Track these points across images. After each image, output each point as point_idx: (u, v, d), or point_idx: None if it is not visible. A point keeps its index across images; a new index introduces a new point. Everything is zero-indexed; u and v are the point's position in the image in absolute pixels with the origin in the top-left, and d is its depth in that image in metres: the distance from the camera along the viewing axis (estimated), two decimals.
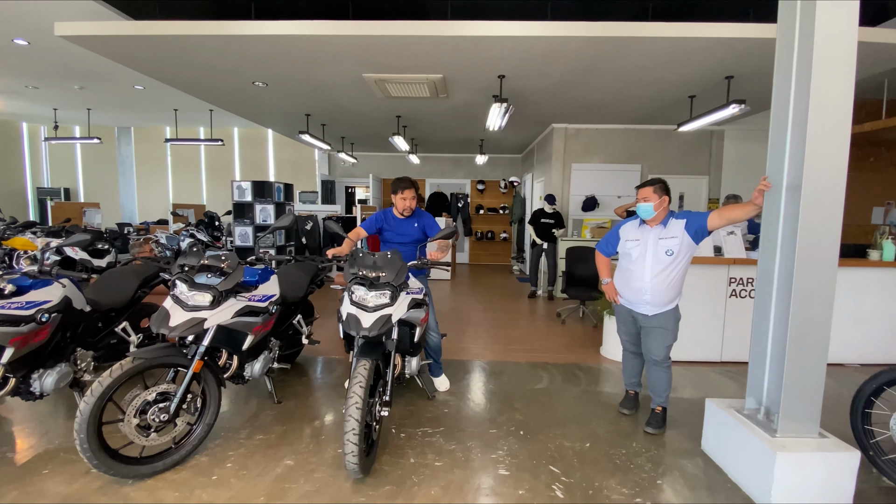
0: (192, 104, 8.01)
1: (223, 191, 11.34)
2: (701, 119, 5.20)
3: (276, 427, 2.72)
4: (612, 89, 5.34)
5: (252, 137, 11.18)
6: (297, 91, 5.66)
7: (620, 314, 2.96)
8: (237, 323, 2.37)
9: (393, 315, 2.32)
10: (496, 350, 4.31)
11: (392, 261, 2.41)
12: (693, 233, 2.63)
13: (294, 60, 4.50)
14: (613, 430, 2.79)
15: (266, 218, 6.55)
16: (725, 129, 7.28)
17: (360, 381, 2.10)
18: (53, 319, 2.44)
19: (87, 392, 2.04)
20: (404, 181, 3.11)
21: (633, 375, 3.06)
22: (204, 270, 2.32)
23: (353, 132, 8.50)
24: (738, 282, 4.03)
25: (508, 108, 4.75)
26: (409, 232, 3.17)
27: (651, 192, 2.67)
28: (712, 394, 3.40)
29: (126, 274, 3.16)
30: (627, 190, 7.32)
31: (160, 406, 2.19)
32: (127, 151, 11.23)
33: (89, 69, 6.21)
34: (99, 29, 3.87)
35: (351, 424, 2.01)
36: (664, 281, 2.68)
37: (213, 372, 2.39)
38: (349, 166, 11.07)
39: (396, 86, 5.08)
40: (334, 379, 3.52)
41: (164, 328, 2.14)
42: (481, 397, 3.22)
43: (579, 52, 4.18)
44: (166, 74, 5.11)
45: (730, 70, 4.62)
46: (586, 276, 5.42)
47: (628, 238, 2.81)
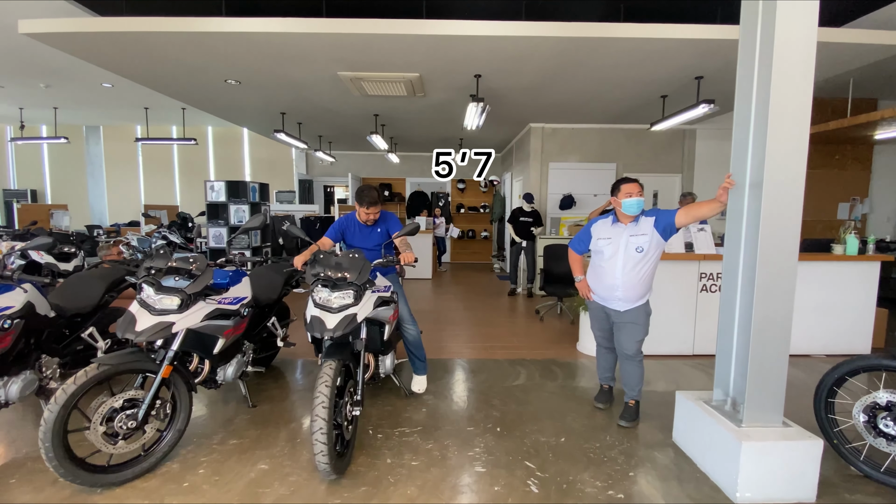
0: (164, 102, 7.79)
1: (197, 191, 11.09)
2: (672, 119, 5.33)
3: (250, 431, 2.68)
4: (586, 89, 5.42)
5: (227, 136, 10.95)
6: (271, 89, 5.57)
7: (594, 311, 3.01)
8: (207, 326, 2.33)
9: (358, 314, 2.30)
10: (476, 348, 4.34)
11: (355, 260, 2.39)
12: (662, 230, 2.69)
13: (266, 58, 4.43)
14: (588, 424, 2.84)
15: (241, 219, 6.44)
16: (697, 128, 7.46)
17: (325, 381, 2.09)
18: (16, 325, 2.35)
19: (51, 400, 1.98)
20: (369, 195, 2.96)
21: (606, 370, 3.12)
22: (172, 273, 2.27)
23: (331, 131, 8.42)
24: (709, 277, 4.14)
25: (485, 108, 4.77)
26: (372, 237, 3.13)
27: (638, 187, 2.70)
28: (684, 386, 3.49)
29: (92, 278, 3.06)
30: (603, 188, 7.44)
31: (128, 413, 2.13)
32: (96, 151, 10.88)
33: (55, 67, 5.99)
34: (64, 26, 3.75)
35: (318, 424, 2.00)
36: (635, 277, 2.73)
37: (183, 377, 2.34)
38: (327, 165, 10.96)
39: (373, 84, 5.05)
40: (310, 382, 3.48)
41: (130, 333, 2.08)
42: (460, 395, 3.23)
43: (553, 52, 4.23)
44: (135, 72, 4.97)
45: (699, 70, 4.74)
46: (564, 274, 5.48)
47: (600, 236, 2.85)
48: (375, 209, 3.00)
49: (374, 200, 2.96)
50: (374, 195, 2.97)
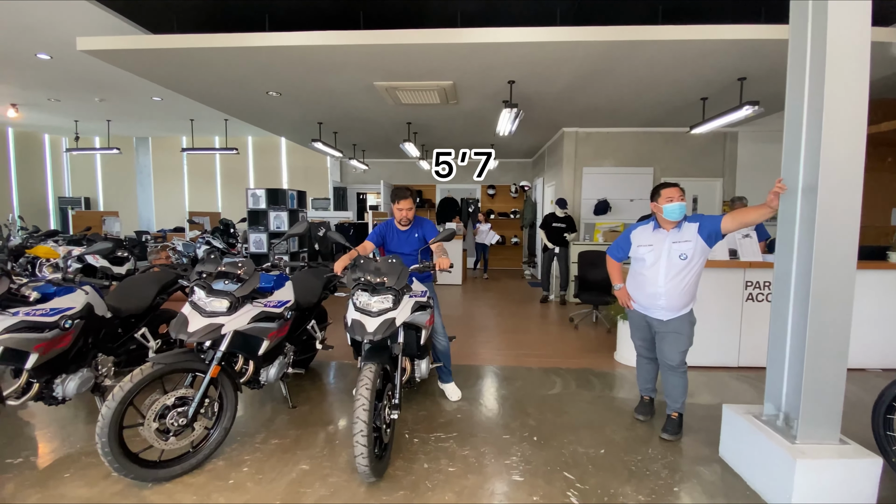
0: (208, 114, 8.17)
1: (238, 198, 11.54)
2: (714, 121, 5.16)
3: (290, 431, 2.75)
4: (622, 93, 5.33)
5: (266, 146, 11.36)
6: (310, 100, 5.75)
7: (634, 319, 2.93)
8: (253, 328, 2.41)
9: (397, 318, 2.34)
10: (508, 355, 4.30)
11: (394, 266, 2.43)
12: (706, 236, 2.61)
13: (306, 70, 4.58)
14: (629, 435, 2.76)
15: (280, 225, 6.64)
16: (739, 130, 7.19)
17: (365, 384, 2.13)
18: (76, 325, 2.50)
19: (108, 396, 2.09)
20: (401, 191, 3.06)
21: (647, 381, 3.03)
22: (221, 277, 2.37)
23: (365, 139, 8.59)
24: (755, 285, 3.96)
25: (518, 114, 4.77)
26: (410, 242, 3.17)
27: (679, 192, 2.63)
28: (729, 399, 3.35)
29: (145, 281, 3.23)
30: (640, 193, 7.27)
31: (178, 410, 2.23)
32: (145, 161, 11.50)
33: (109, 82, 6.39)
34: (119, 43, 4.00)
35: (359, 426, 2.04)
36: (679, 285, 2.65)
37: (230, 377, 2.43)
38: (361, 173, 11.18)
39: (407, 93, 5.14)
40: (347, 384, 3.55)
41: (183, 334, 2.18)
42: (494, 403, 3.21)
43: (588, 57, 4.18)
44: (183, 86, 5.24)
45: (742, 72, 4.58)
46: (599, 281, 5.37)
47: (641, 243, 2.78)
48: (407, 203, 3.04)
49: (405, 195, 3.03)
50: (405, 192, 3.04)
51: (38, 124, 9.82)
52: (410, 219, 3.10)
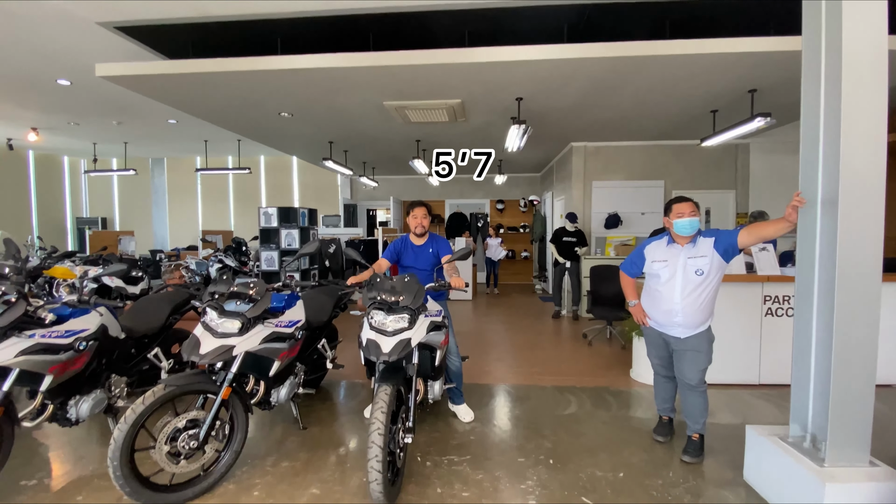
0: (222, 135, 8.34)
1: (250, 217, 11.69)
2: (725, 133, 5.12)
3: (301, 454, 2.71)
4: (631, 107, 5.33)
5: (278, 164, 11.55)
6: (321, 120, 5.84)
7: (650, 337, 2.87)
8: (264, 349, 2.40)
9: (412, 338, 2.31)
10: (521, 373, 4.23)
11: (409, 284, 2.41)
12: (723, 251, 2.55)
13: (318, 91, 4.67)
14: (648, 458, 2.67)
15: (291, 242, 6.69)
16: (751, 142, 7.13)
17: (381, 407, 2.09)
18: (91, 347, 2.51)
19: (120, 419, 2.09)
20: (415, 202, 3.19)
21: (665, 400, 2.95)
22: (233, 297, 2.37)
23: (375, 157, 8.69)
24: (774, 300, 3.87)
25: (527, 130, 4.78)
26: (424, 257, 3.18)
27: (691, 206, 2.59)
28: (751, 419, 3.24)
29: (158, 301, 3.25)
30: (651, 206, 7.20)
31: (190, 433, 2.21)
32: (160, 181, 11.75)
33: (126, 106, 6.57)
34: (137, 69, 4.11)
35: (374, 451, 1.99)
36: (695, 302, 2.59)
37: (241, 398, 2.41)
38: (370, 189, 11.28)
39: (416, 112, 5.19)
40: (358, 404, 3.51)
41: (195, 355, 2.18)
42: (508, 424, 3.14)
43: (597, 73, 4.20)
44: (198, 108, 5.36)
45: (753, 83, 4.56)
46: (612, 296, 5.30)
47: (655, 259, 2.74)
48: (422, 211, 3.11)
49: (419, 204, 3.12)
50: (419, 202, 3.14)
51: (58, 147, 10.12)
52: (426, 226, 3.13)
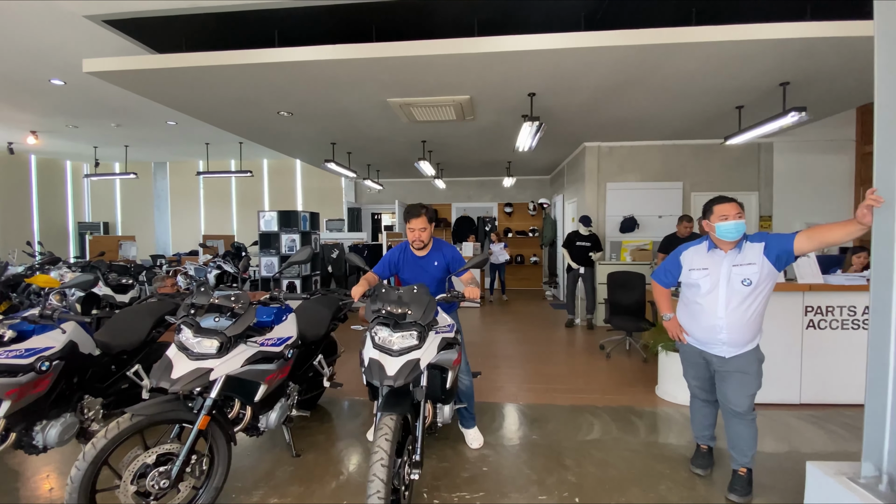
0: (223, 137, 8.11)
1: (253, 221, 11.45)
2: (753, 130, 4.77)
3: (293, 487, 2.40)
4: (650, 103, 5.00)
5: (280, 168, 11.32)
6: (322, 119, 5.57)
7: (688, 356, 2.53)
8: (248, 372, 2.10)
9: (422, 359, 1.99)
10: (535, 390, 3.89)
11: (418, 295, 2.09)
12: (775, 258, 2.22)
13: (317, 87, 4.39)
14: (689, 496, 2.33)
15: (292, 247, 6.43)
16: (774, 141, 6.75)
17: (385, 434, 1.77)
18: (55, 367, 2.23)
19: (79, 456, 1.79)
20: (413, 208, 2.64)
21: (705, 427, 2.60)
22: (213, 311, 2.08)
23: (379, 159, 8.41)
24: (816, 311, 3.51)
25: (540, 127, 4.47)
26: (429, 270, 2.76)
27: (736, 208, 2.24)
28: (799, 446, 2.88)
29: (140, 313, 2.97)
30: (669, 209, 6.84)
31: (160, 470, 1.91)
32: (162, 185, 11.57)
33: (123, 107, 6.36)
34: (125, 64, 3.86)
35: (376, 486, 1.68)
36: (742, 316, 2.26)
37: (222, 427, 2.11)
38: (375, 193, 11.01)
39: (422, 109, 4.90)
40: (359, 426, 3.19)
41: (166, 381, 1.88)
42: (523, 452, 2.80)
43: (617, 64, 3.88)
44: (193, 107, 5.11)
45: (785, 76, 4.22)
46: (632, 304, 4.96)
47: (694, 266, 2.40)
48: (420, 222, 2.62)
49: (417, 213, 2.61)
50: (417, 209, 2.62)
51: (60, 151, 9.96)
52: (424, 240, 2.68)
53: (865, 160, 6.64)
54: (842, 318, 3.53)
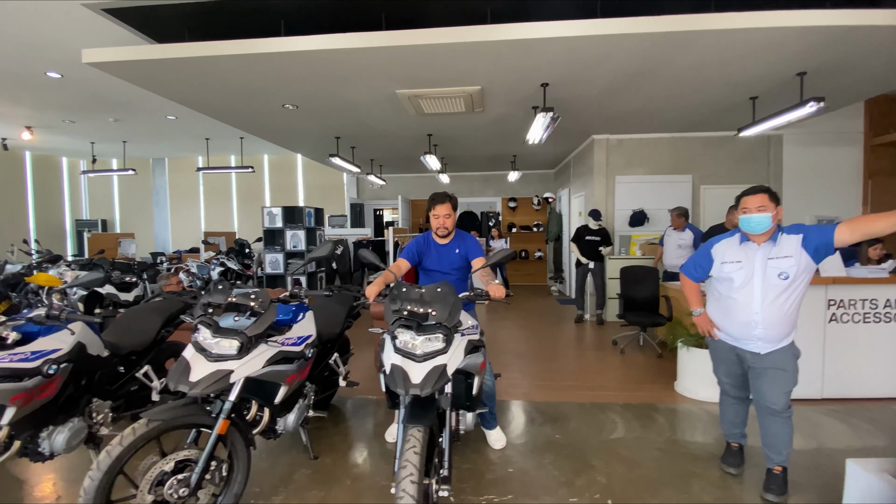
0: (223, 132, 7.97)
1: (254, 218, 11.32)
2: (768, 121, 4.68)
3: (313, 492, 2.31)
4: (664, 94, 4.90)
5: (281, 163, 11.17)
6: (328, 113, 5.45)
7: (719, 352, 2.45)
8: (269, 373, 2.01)
9: (448, 365, 1.85)
10: (552, 388, 3.82)
11: (443, 295, 1.95)
12: (813, 250, 2.14)
13: (324, 79, 4.27)
14: (724, 496, 2.25)
15: (297, 244, 6.31)
16: (784, 133, 6.67)
17: (413, 447, 1.65)
18: (63, 370, 2.13)
19: (93, 464, 1.70)
20: (438, 195, 2.65)
21: (736, 425, 2.53)
22: (231, 310, 1.98)
23: (383, 153, 8.29)
24: (839, 304, 3.44)
25: (555, 119, 4.36)
26: (450, 259, 2.72)
27: (766, 199, 2.17)
28: (825, 441, 2.82)
29: (148, 312, 2.87)
30: (679, 202, 6.75)
31: (179, 478, 1.81)
32: (161, 182, 11.40)
33: (122, 100, 6.20)
34: (126, 54, 3.73)
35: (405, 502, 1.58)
36: (779, 311, 2.18)
37: (241, 431, 2.01)
38: (378, 188, 10.88)
39: (431, 101, 4.79)
40: (375, 426, 3.11)
41: (184, 384, 1.78)
42: (548, 452, 2.72)
43: (634, 52, 3.78)
44: (195, 100, 4.98)
45: (803, 65, 4.13)
46: (646, 299, 4.88)
47: (727, 259, 2.32)
48: (444, 208, 2.61)
49: (442, 199, 2.62)
50: (443, 196, 2.63)
51: (56, 147, 9.78)
52: (449, 227, 2.65)
53: (874, 152, 6.58)
54: (863, 311, 3.47)
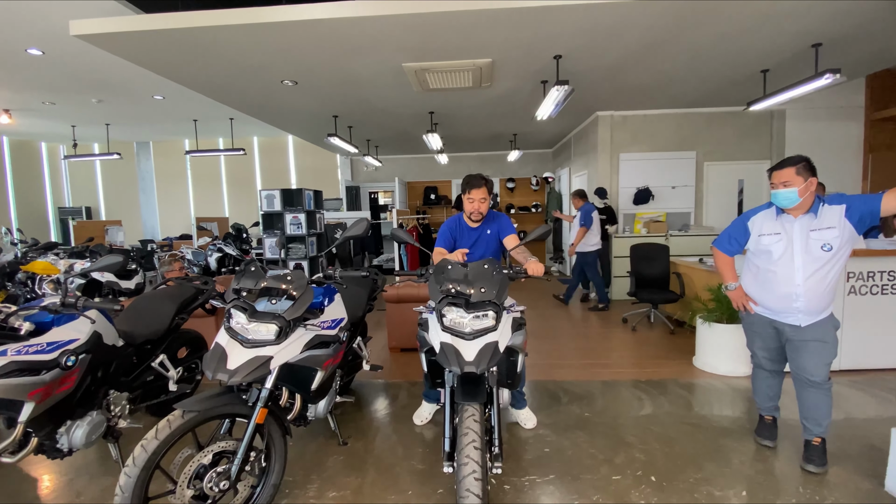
0: (212, 113, 7.68)
1: (245, 202, 11.04)
2: (782, 94, 4.62)
3: (349, 479, 2.24)
4: (676, 67, 4.80)
5: (272, 146, 10.85)
6: (328, 89, 5.24)
7: (756, 325, 2.42)
8: (307, 358, 1.91)
9: (500, 342, 1.81)
10: (571, 366, 3.79)
11: (489, 272, 1.90)
12: (857, 220, 2.10)
13: (329, 51, 4.07)
14: (764, 469, 2.25)
15: (298, 227, 6.14)
16: (787, 108, 6.64)
17: (474, 441, 1.59)
18: (82, 361, 2.00)
19: (128, 460, 1.59)
20: (474, 178, 2.56)
21: (770, 398, 2.52)
22: (263, 295, 1.86)
23: (381, 133, 8.08)
24: (858, 276, 3.45)
25: (570, 93, 4.23)
26: (484, 240, 2.64)
27: (793, 173, 2.13)
28: (851, 411, 2.85)
29: (161, 299, 2.72)
30: (683, 179, 6.75)
31: (218, 470, 1.72)
32: (147, 167, 11.00)
33: (106, 79, 5.88)
34: (117, 25, 3.49)
35: (471, 503, 1.51)
36: (821, 283, 2.15)
37: (278, 420, 1.92)
38: (372, 171, 10.67)
39: (438, 75, 4.62)
40: (399, 408, 3.05)
41: (223, 372, 1.67)
42: (581, 430, 2.68)
43: (655, 22, 3.66)
44: (189, 76, 4.72)
45: (819, 36, 4.07)
46: (657, 277, 4.87)
47: (764, 232, 2.28)
48: (481, 193, 2.52)
49: (479, 183, 2.52)
50: (479, 179, 2.53)
51: (34, 132, 9.34)
52: (483, 212, 2.56)
53: (874, 127, 6.60)
54: (882, 283, 3.48)
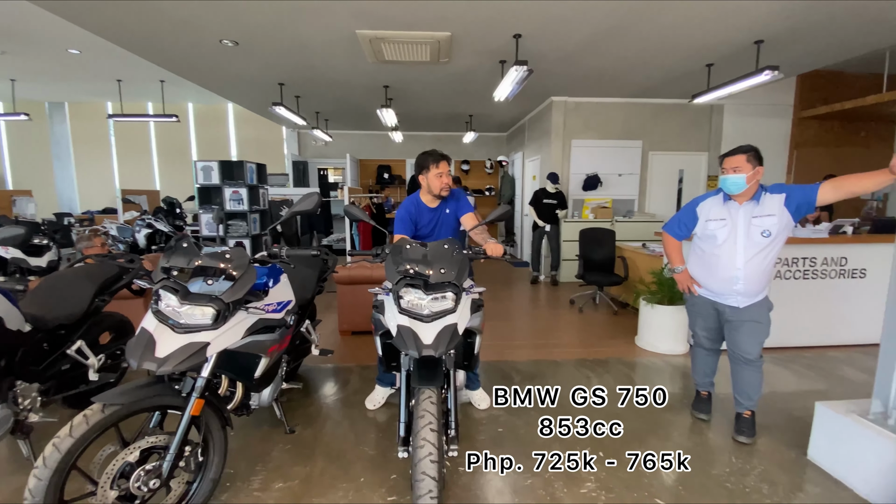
0: (140, 73, 6.93)
1: (179, 174, 10.21)
2: (723, 88, 4.84)
3: (296, 468, 2.13)
4: (627, 57, 4.88)
5: (210, 114, 10.04)
6: (273, 53, 4.85)
7: (698, 307, 2.54)
8: (250, 344, 1.75)
9: (459, 324, 1.76)
10: (522, 347, 3.85)
11: (449, 252, 1.83)
12: (794, 209, 2.24)
13: (274, 9, 3.73)
14: (700, 441, 2.39)
15: (239, 203, 5.73)
16: (725, 103, 7.03)
17: (430, 423, 1.54)
18: None
19: (38, 461, 1.39)
20: (436, 153, 2.48)
21: (706, 374, 2.68)
22: (198, 274, 1.67)
23: (332, 106, 7.68)
24: (782, 262, 3.74)
25: (528, 74, 4.18)
26: (443, 221, 2.58)
27: (744, 160, 2.25)
28: (771, 384, 3.10)
29: (77, 278, 2.42)
30: (629, 167, 6.99)
31: (147, 468, 1.55)
32: (61, 130, 9.82)
33: (11, 28, 5.10)
34: None
35: (426, 486, 1.46)
36: (758, 267, 2.29)
37: (216, 411, 1.76)
38: (322, 146, 10.18)
39: (394, 46, 4.40)
40: (350, 394, 2.94)
41: (150, 361, 1.48)
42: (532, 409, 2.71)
43: (615, 8, 3.66)
44: (110, 27, 4.18)
45: (761, 34, 4.27)
46: (603, 260, 5.04)
47: (711, 217, 2.38)
48: (446, 164, 2.47)
49: (443, 156, 2.47)
50: (438, 153, 2.47)
51: None
52: (451, 186, 2.51)
53: (800, 125, 7.17)
54: (803, 268, 3.79)
